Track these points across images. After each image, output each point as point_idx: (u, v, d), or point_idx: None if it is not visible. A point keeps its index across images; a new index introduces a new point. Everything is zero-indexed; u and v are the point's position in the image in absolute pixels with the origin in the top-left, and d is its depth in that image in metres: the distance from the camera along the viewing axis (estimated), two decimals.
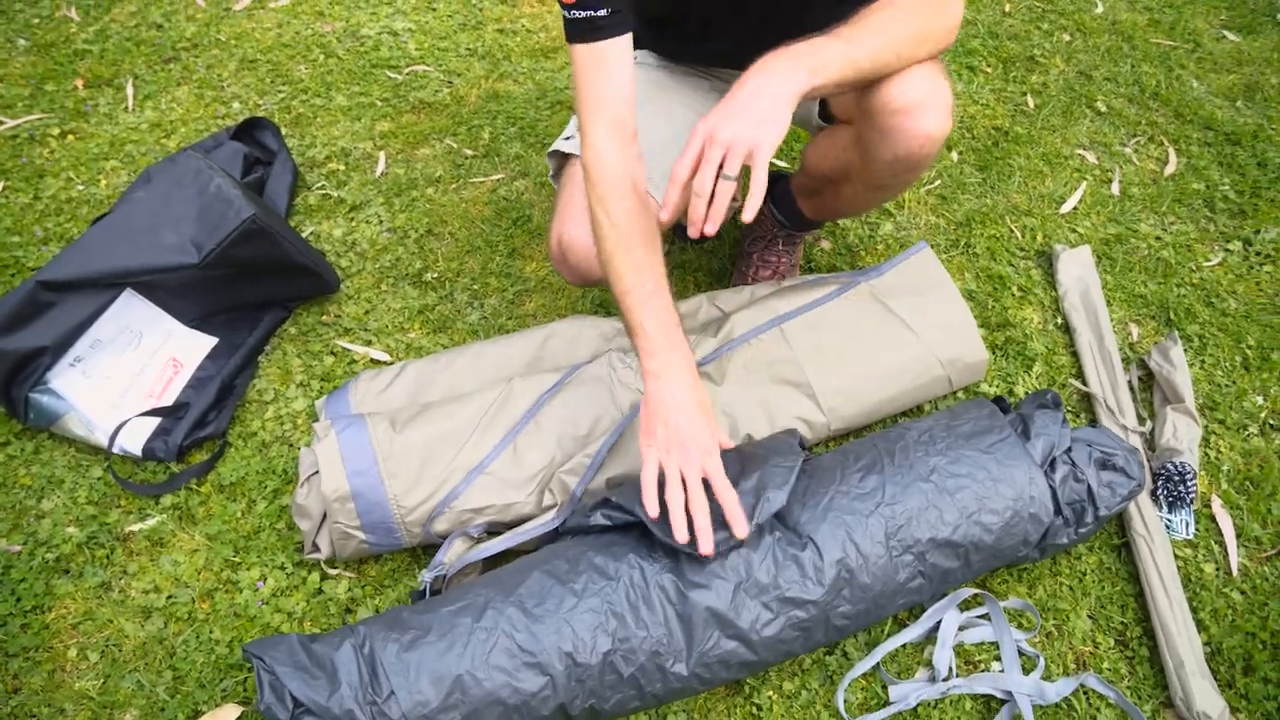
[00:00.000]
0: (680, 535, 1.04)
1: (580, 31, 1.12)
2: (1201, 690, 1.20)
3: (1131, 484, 1.28)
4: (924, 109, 1.15)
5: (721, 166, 1.00)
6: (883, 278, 1.49)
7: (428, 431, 1.29)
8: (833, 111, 1.40)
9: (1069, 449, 1.28)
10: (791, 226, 1.61)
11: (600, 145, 1.12)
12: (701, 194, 1.00)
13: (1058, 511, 1.25)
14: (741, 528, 1.06)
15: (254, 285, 1.57)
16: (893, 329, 1.43)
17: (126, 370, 1.46)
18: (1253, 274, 1.77)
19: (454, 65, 2.19)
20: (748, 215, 0.99)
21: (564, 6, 1.12)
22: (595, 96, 1.13)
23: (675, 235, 1.75)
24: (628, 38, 1.14)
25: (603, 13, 1.11)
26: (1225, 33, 2.38)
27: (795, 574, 1.13)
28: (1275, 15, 2.41)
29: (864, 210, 1.44)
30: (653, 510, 1.06)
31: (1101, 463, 1.28)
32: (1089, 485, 1.26)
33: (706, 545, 1.04)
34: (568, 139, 1.39)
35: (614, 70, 1.13)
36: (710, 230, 1.01)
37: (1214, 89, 2.19)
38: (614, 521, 1.16)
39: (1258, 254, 1.81)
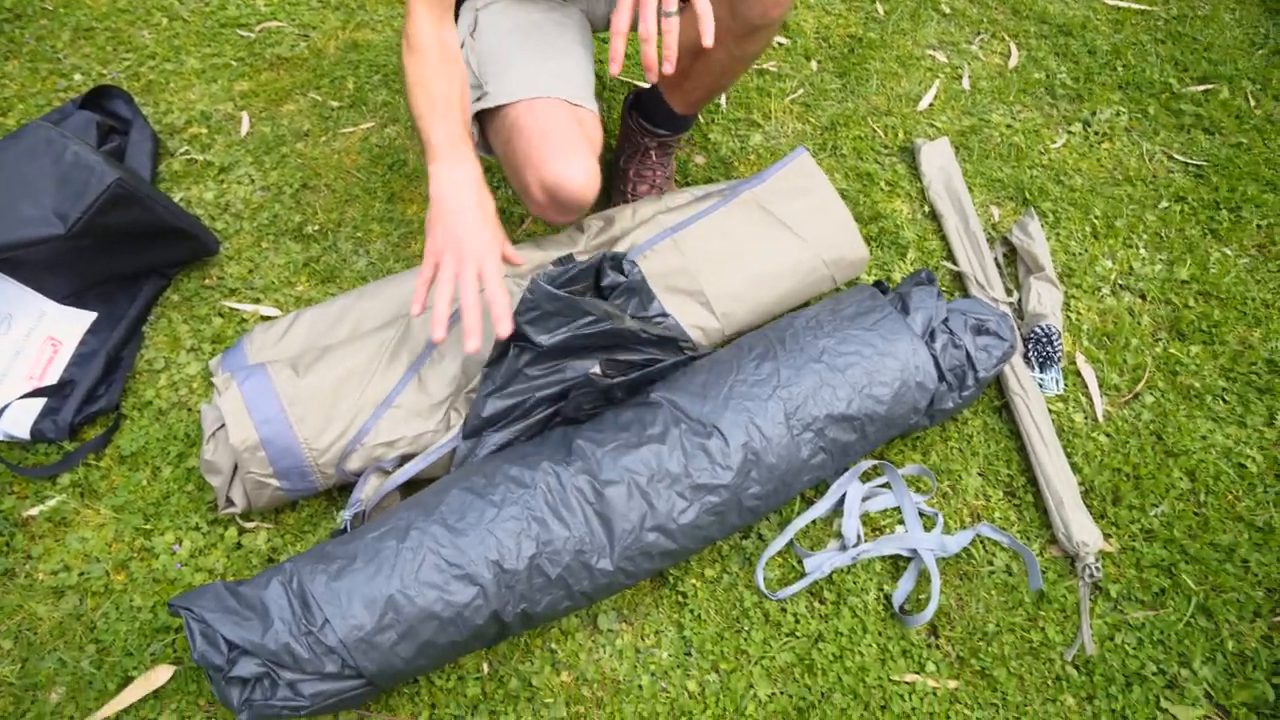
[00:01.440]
0: (438, 332, 1.11)
1: None
2: (1079, 522, 1.32)
3: (1005, 345, 1.39)
4: None
5: (661, 4, 1.06)
6: (765, 184, 1.54)
7: (331, 372, 1.28)
8: None
9: (946, 319, 1.38)
10: (663, 129, 1.62)
11: (421, 19, 1.24)
12: (649, 38, 1.05)
13: (941, 377, 1.34)
14: (504, 326, 1.13)
15: (128, 254, 1.51)
16: (778, 233, 1.48)
17: (1, 354, 1.40)
18: (1094, 152, 1.91)
19: (307, 19, 2.12)
20: (708, 40, 1.05)
21: None
22: None
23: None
24: None
25: None
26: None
27: (704, 462, 1.19)
28: None
29: (738, 74, 1.48)
30: (415, 309, 1.15)
31: (976, 329, 1.38)
32: (967, 350, 1.35)
33: (471, 342, 1.10)
34: (480, 99, 1.36)
35: None
36: (669, 69, 1.07)
37: None
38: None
39: (1096, 133, 1.94)
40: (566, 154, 1.27)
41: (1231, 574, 1.32)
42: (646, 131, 1.64)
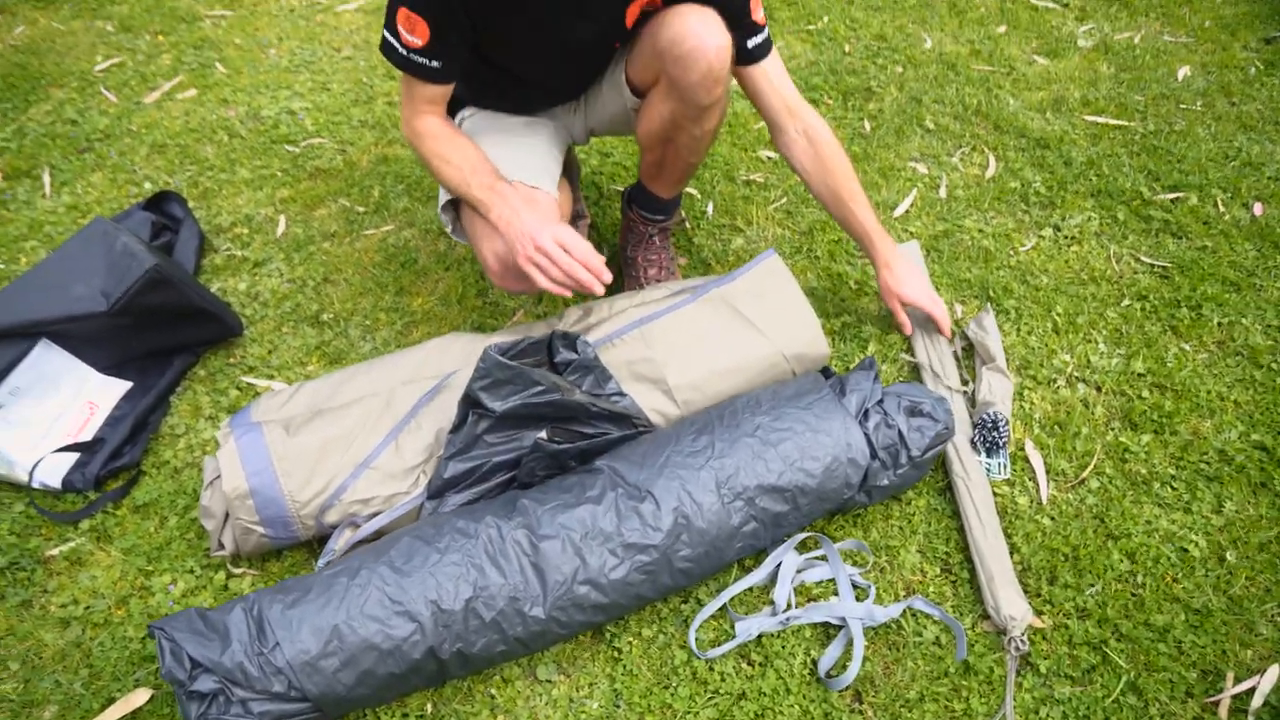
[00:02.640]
0: (563, 291, 1.39)
1: (418, 72, 1.43)
2: (1008, 598, 1.38)
3: (938, 426, 1.47)
4: (703, 27, 1.44)
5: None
6: (734, 283, 1.67)
7: (319, 434, 1.44)
8: (637, 84, 1.62)
9: (880, 400, 1.48)
10: (660, 215, 1.83)
11: (426, 115, 1.50)
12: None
13: (874, 455, 1.43)
14: (603, 275, 1.38)
15: (162, 331, 1.73)
16: (742, 329, 1.60)
17: (46, 415, 1.60)
18: (1062, 254, 2.00)
19: (347, 136, 2.40)
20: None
21: (406, 47, 1.39)
22: (425, 100, 1.49)
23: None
24: (450, 86, 1.48)
25: (437, 64, 1.41)
26: (1036, 57, 2.68)
27: (637, 523, 1.29)
28: (1076, 42, 2.72)
29: (703, 151, 1.69)
30: (550, 286, 1.40)
31: (910, 410, 1.48)
32: (899, 430, 1.45)
33: (598, 283, 1.38)
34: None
35: (438, 96, 1.49)
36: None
37: (1027, 104, 2.47)
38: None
39: (1066, 237, 2.05)
40: None
41: (1165, 654, 1.34)
42: (647, 220, 1.83)
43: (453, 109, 1.74)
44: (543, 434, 1.40)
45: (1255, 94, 2.51)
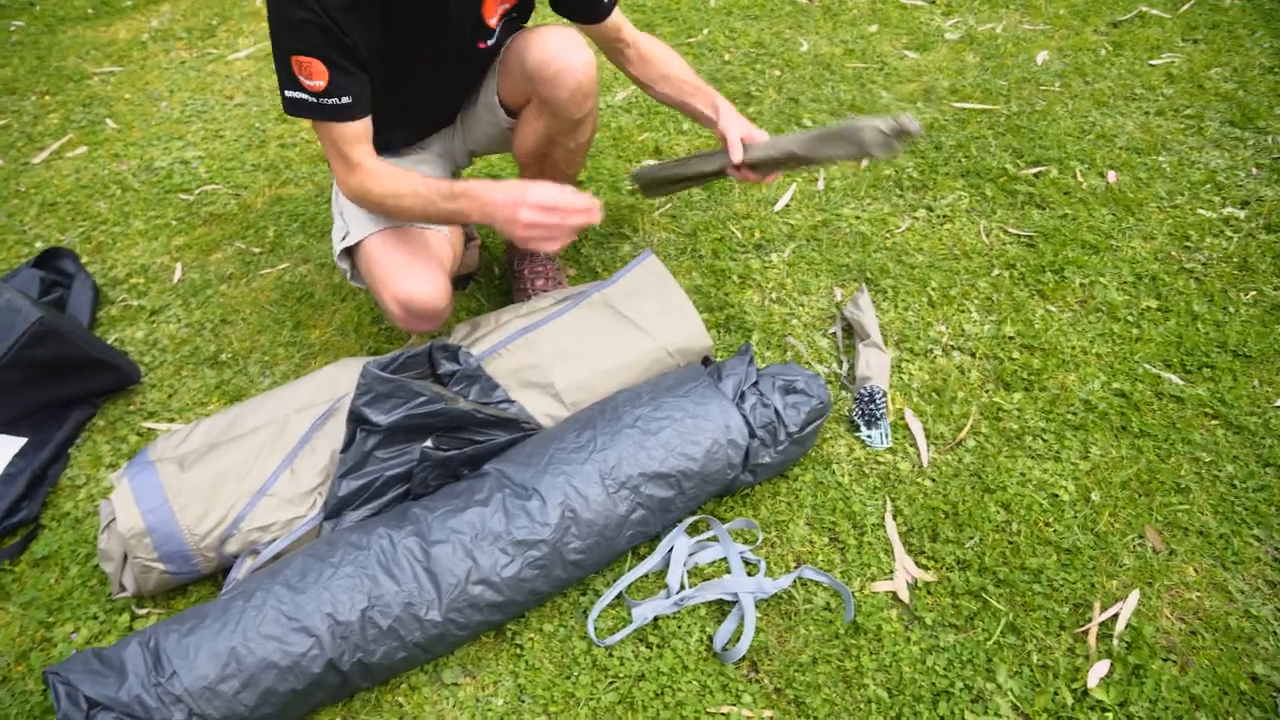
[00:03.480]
0: (567, 241, 1.41)
1: (333, 114, 1.40)
2: None
3: (813, 401, 1.54)
4: (568, 47, 1.50)
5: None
6: (614, 286, 1.74)
7: (213, 466, 1.46)
8: (509, 104, 1.69)
9: (756, 382, 1.54)
10: None
11: (368, 158, 1.46)
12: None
13: (753, 434, 1.49)
14: (594, 212, 1.40)
15: (55, 385, 1.73)
16: (624, 329, 1.66)
17: None
18: (935, 233, 2.11)
19: (241, 180, 2.42)
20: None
21: (311, 94, 1.38)
22: (350, 142, 1.44)
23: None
24: (369, 115, 1.46)
25: (347, 99, 1.40)
26: (906, 52, 2.81)
27: (525, 520, 1.34)
28: (943, 36, 2.86)
29: (579, 163, 1.78)
30: (556, 246, 1.42)
31: (785, 389, 1.55)
32: (775, 408, 1.51)
33: (594, 215, 1.39)
34: (344, 238, 1.60)
35: (360, 133, 1.45)
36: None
37: (900, 96, 2.58)
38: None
39: (939, 216, 2.15)
40: (415, 271, 1.49)
41: (1039, 593, 1.42)
42: None
43: None
44: (428, 443, 1.44)
45: (1106, 73, 2.66)
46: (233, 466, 1.47)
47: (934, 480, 1.60)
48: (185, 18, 3.31)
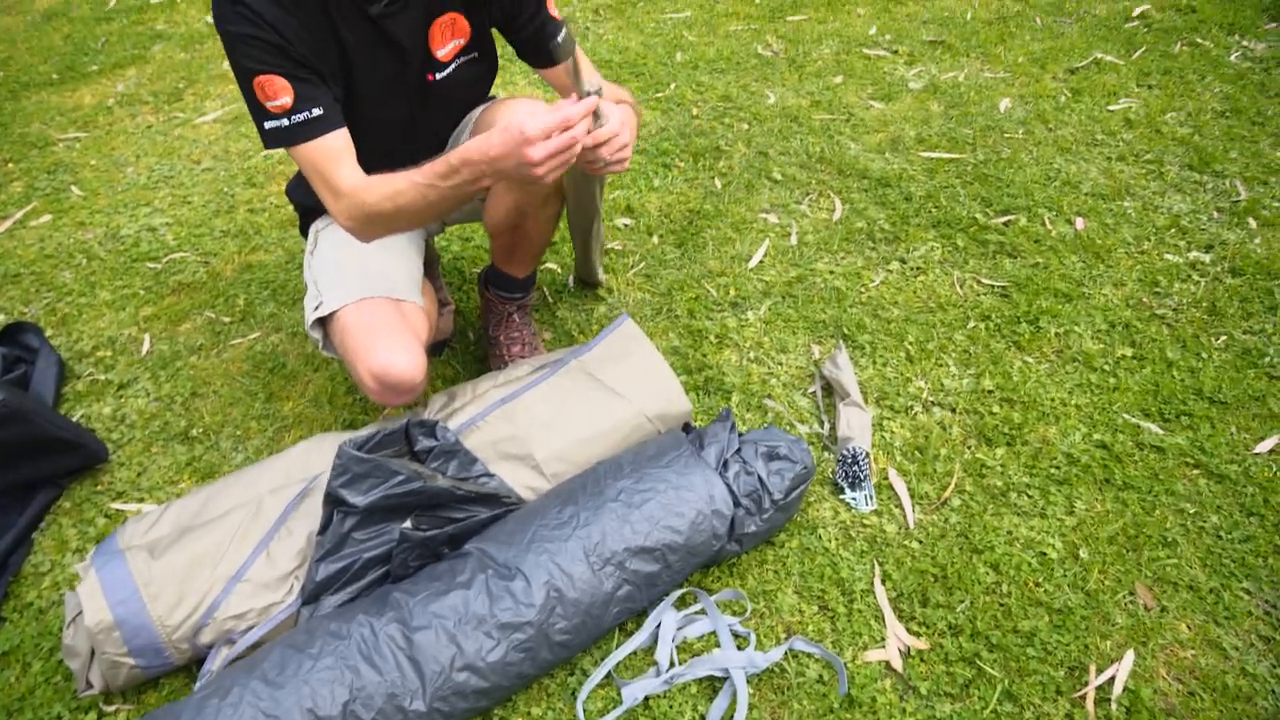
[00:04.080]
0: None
1: (308, 131, 1.37)
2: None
3: (797, 467, 1.53)
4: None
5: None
6: (591, 352, 1.72)
7: (186, 552, 1.41)
8: None
9: (739, 449, 1.53)
10: (516, 293, 1.86)
11: (353, 175, 1.39)
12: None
13: (737, 503, 1.47)
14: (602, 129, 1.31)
15: (18, 468, 1.67)
16: (603, 396, 1.64)
17: None
18: (909, 285, 2.11)
19: (210, 247, 2.39)
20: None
21: (280, 113, 1.35)
22: (333, 160, 1.39)
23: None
24: (345, 128, 1.41)
25: (318, 111, 1.37)
26: (872, 103, 2.85)
27: (509, 602, 1.30)
28: (907, 85, 2.91)
29: (551, 231, 1.75)
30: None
31: (768, 455, 1.53)
32: (759, 476, 1.50)
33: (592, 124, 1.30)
34: (318, 307, 1.55)
35: (341, 148, 1.40)
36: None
37: (867, 147, 2.61)
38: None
39: (912, 268, 2.16)
40: (390, 344, 1.46)
41: (1033, 657, 1.40)
42: (505, 299, 1.86)
43: (308, 220, 1.75)
44: (407, 523, 1.41)
45: (1067, 119, 2.71)
46: (206, 552, 1.43)
47: (921, 542, 1.58)
48: (151, 82, 3.29)
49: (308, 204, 1.74)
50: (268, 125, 1.37)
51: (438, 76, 1.56)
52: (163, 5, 3.92)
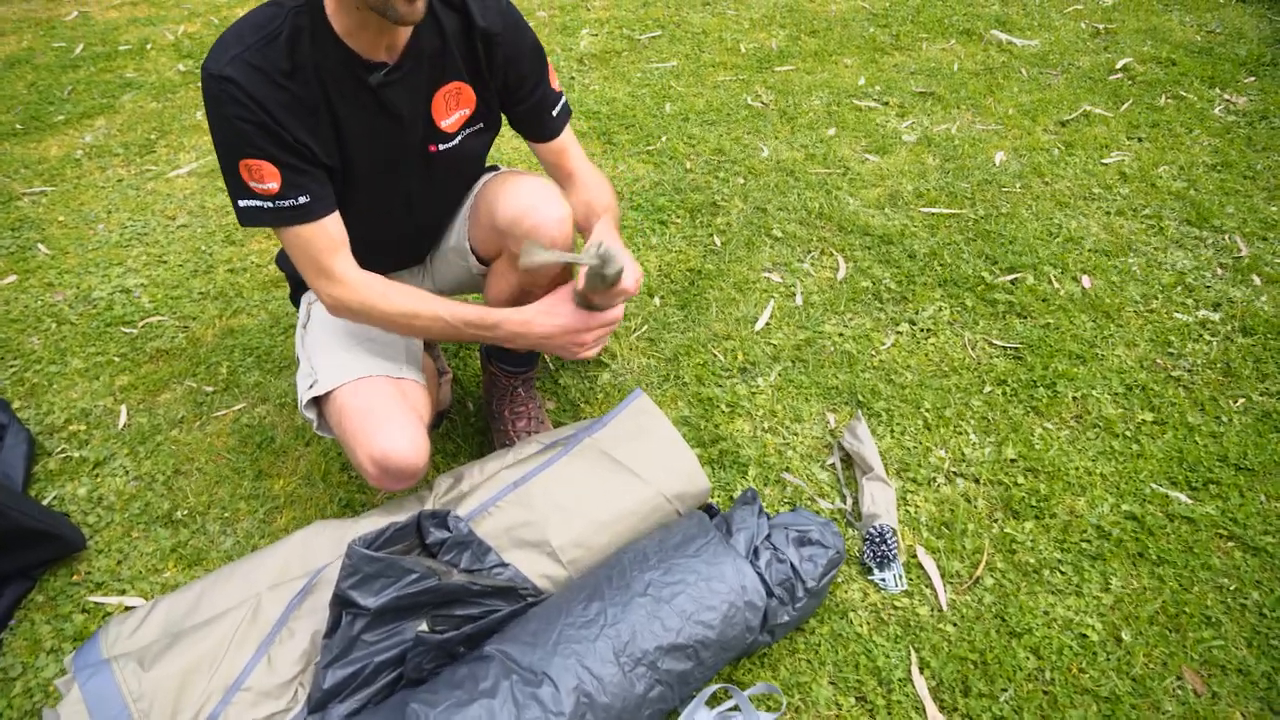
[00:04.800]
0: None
1: (292, 217, 1.31)
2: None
3: (829, 552, 1.46)
4: (541, 201, 1.43)
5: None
6: (606, 429, 1.63)
7: (180, 660, 1.30)
8: (482, 254, 1.59)
9: (769, 535, 1.45)
10: (521, 367, 1.77)
11: (351, 269, 1.38)
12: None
13: (770, 594, 1.39)
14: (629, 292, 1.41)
15: None
16: (620, 477, 1.55)
17: None
18: (920, 348, 2.07)
19: (188, 310, 2.28)
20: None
21: (265, 197, 1.28)
22: (324, 250, 1.35)
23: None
24: (335, 213, 1.36)
25: (305, 199, 1.30)
26: (867, 156, 2.83)
27: (537, 711, 1.21)
28: (901, 138, 2.89)
29: None
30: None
31: (800, 540, 1.46)
32: (791, 563, 1.42)
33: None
34: (311, 386, 1.47)
35: (332, 230, 1.36)
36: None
37: (865, 201, 2.58)
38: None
39: (921, 330, 2.11)
40: (390, 427, 1.37)
41: None
42: (509, 374, 1.77)
43: (300, 291, 1.67)
44: (423, 626, 1.31)
45: (1062, 172, 2.70)
46: (201, 658, 1.31)
47: (956, 625, 1.51)
48: (122, 132, 3.17)
49: (300, 275, 1.65)
50: (246, 204, 1.30)
51: (441, 148, 1.48)
52: (132, 53, 3.81)
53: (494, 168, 1.69)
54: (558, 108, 1.55)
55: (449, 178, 1.56)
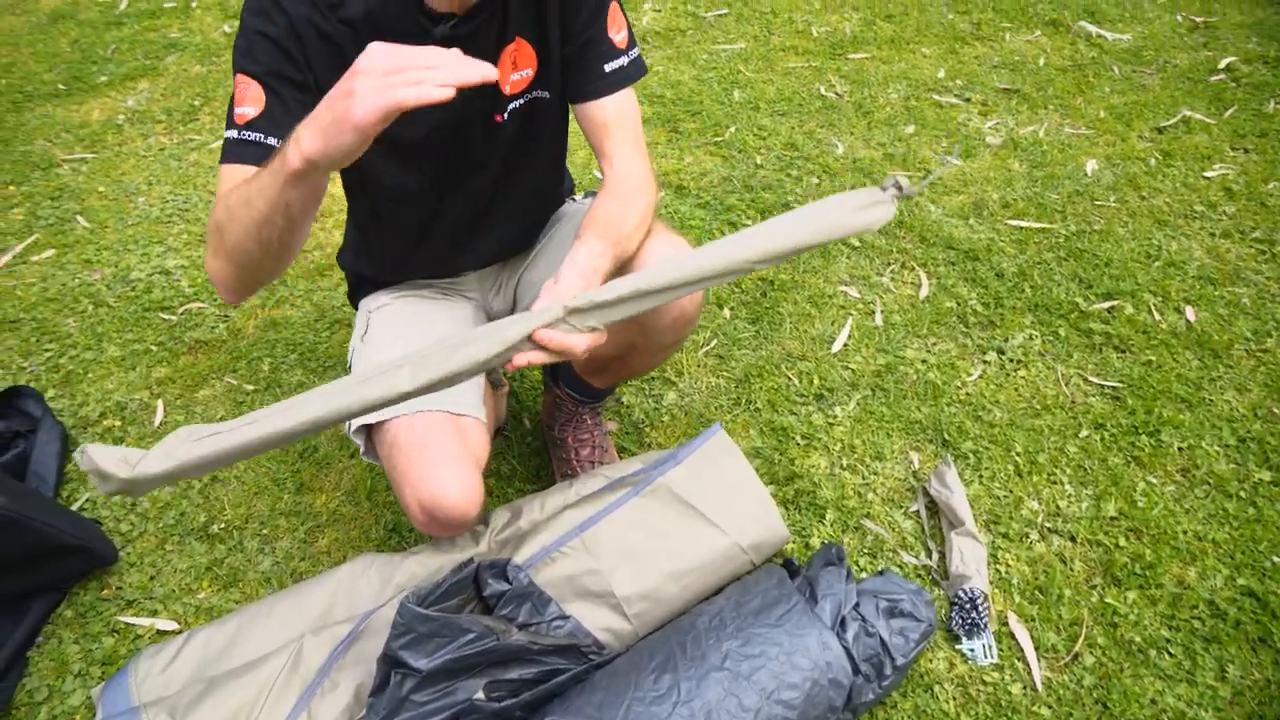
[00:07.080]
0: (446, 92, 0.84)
1: (237, 156, 1.08)
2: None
3: (921, 626, 1.33)
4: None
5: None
6: (680, 467, 1.48)
7: (216, 712, 1.21)
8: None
9: (857, 604, 1.32)
10: (591, 398, 1.64)
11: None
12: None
13: (856, 671, 1.27)
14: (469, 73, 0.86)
15: (14, 576, 1.46)
16: (692, 523, 1.42)
17: None
18: (1010, 381, 1.91)
19: None
20: None
21: (235, 126, 1.07)
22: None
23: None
24: None
25: (273, 142, 1.07)
26: (949, 158, 2.64)
27: None
28: (984, 139, 2.70)
29: (652, 368, 1.57)
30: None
31: (890, 611, 1.33)
32: (880, 637, 1.29)
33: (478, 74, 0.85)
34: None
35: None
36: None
37: (949, 210, 2.41)
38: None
39: (1011, 360, 1.95)
40: (444, 471, 1.23)
41: None
42: (578, 402, 1.64)
43: (360, 292, 1.53)
44: (479, 694, 1.20)
45: (1160, 186, 2.51)
46: (238, 711, 1.22)
47: (1052, 708, 1.38)
48: (165, 97, 3.05)
49: (360, 273, 1.52)
50: (226, 136, 1.09)
51: (506, 117, 1.27)
52: (177, 10, 3.68)
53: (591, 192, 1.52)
54: (613, 64, 1.27)
55: (517, 158, 1.35)
